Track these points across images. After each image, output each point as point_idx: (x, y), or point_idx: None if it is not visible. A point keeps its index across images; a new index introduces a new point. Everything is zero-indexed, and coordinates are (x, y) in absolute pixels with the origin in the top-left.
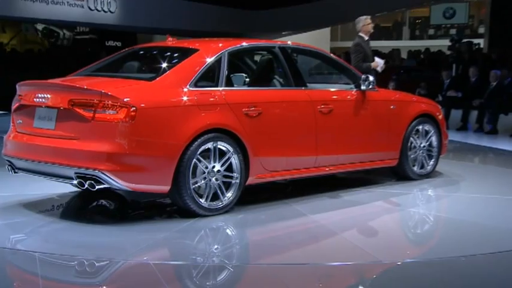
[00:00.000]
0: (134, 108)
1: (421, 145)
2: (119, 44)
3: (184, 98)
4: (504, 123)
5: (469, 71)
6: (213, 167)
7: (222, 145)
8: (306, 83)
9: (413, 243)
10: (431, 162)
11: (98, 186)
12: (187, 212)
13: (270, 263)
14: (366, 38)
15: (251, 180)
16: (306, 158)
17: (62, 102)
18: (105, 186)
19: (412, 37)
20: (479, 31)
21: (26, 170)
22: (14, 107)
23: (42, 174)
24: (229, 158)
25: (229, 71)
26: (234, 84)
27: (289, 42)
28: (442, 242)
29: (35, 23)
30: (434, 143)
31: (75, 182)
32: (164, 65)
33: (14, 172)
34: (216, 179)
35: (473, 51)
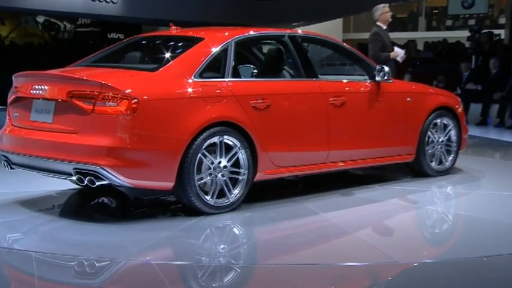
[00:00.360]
0: (136, 100)
1: (440, 140)
2: (121, 36)
3: (189, 89)
4: None
5: (490, 63)
6: (219, 162)
7: (228, 139)
8: (317, 74)
9: (431, 243)
10: (450, 158)
11: (98, 183)
12: (192, 210)
13: (279, 263)
14: (384, 27)
15: (259, 176)
16: (317, 153)
17: (60, 94)
18: (106, 182)
19: (428, 28)
20: (499, 21)
21: (23, 166)
22: (10, 100)
23: (40, 170)
24: (236, 153)
25: (236, 61)
26: (241, 75)
27: (300, 31)
28: (461, 241)
29: (34, 14)
30: (454, 137)
31: (74, 178)
32: (167, 55)
33: (10, 168)
34: (222, 175)
35: (493, 42)
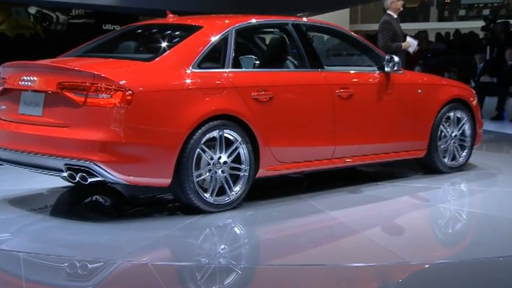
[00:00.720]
0: (130, 91)
1: (453, 134)
2: (117, 28)
3: (187, 80)
4: None
5: (505, 54)
6: (219, 158)
7: (228, 133)
8: (323, 65)
9: (443, 243)
10: (463, 154)
11: (90, 179)
12: (190, 208)
13: (282, 264)
14: (395, 16)
15: (261, 172)
16: (323, 148)
17: (50, 85)
18: (99, 179)
19: (440, 18)
20: None
21: (11, 162)
22: None
23: (29, 166)
24: (237, 148)
25: (236, 51)
26: (242, 66)
27: (304, 19)
28: (475, 241)
29: (26, 5)
30: (468, 131)
31: (65, 174)
32: (164, 44)
33: None
34: (222, 172)
35: (509, 32)
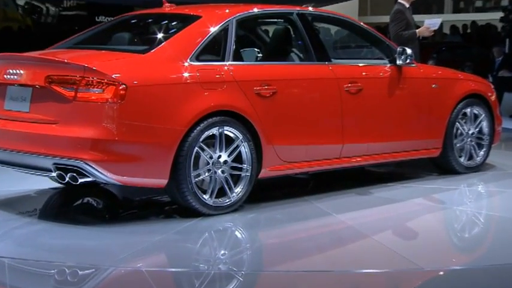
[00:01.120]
0: (124, 85)
1: (469, 132)
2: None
3: (184, 74)
4: None
5: None
6: (219, 156)
7: (229, 131)
8: (330, 57)
9: (460, 248)
10: (481, 153)
11: (81, 180)
12: (188, 211)
13: (287, 270)
14: (407, 6)
15: (264, 172)
16: (330, 147)
17: (37, 79)
18: (90, 179)
19: (455, 10)
20: None
21: None
22: None
23: (15, 165)
24: (238, 146)
25: (238, 42)
26: (243, 58)
27: (310, 8)
28: (494, 246)
29: None
30: (485, 129)
31: (54, 174)
32: (160, 35)
33: None
34: (222, 172)
35: None
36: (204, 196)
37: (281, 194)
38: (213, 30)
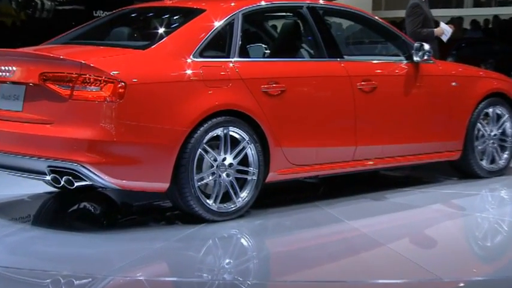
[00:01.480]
0: (123, 83)
1: (492, 133)
2: None
3: (187, 71)
4: None
5: None
6: (224, 159)
7: (234, 132)
8: (343, 54)
9: (481, 257)
10: (504, 156)
11: (77, 184)
12: (191, 217)
13: (296, 280)
14: None
15: (272, 176)
16: (342, 149)
17: (31, 76)
18: (87, 183)
19: (476, 4)
20: None
21: None
22: None
23: (7, 168)
24: (244, 148)
25: (244, 38)
26: (250, 55)
27: (321, 1)
28: None
29: None
30: (509, 130)
31: (49, 178)
32: (161, 30)
33: None
34: (227, 175)
35: None
36: (207, 201)
37: (290, 199)
38: (218, 24)
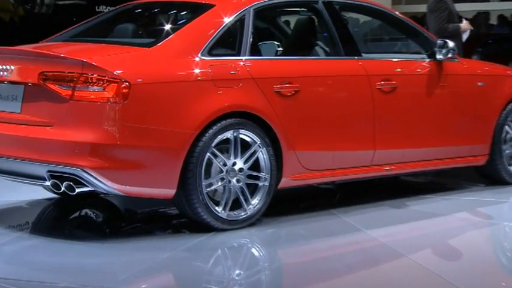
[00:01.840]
0: (127, 83)
1: None
2: None
3: (195, 70)
4: None
5: None
6: (234, 164)
7: (245, 134)
8: (361, 52)
9: (510, 270)
10: None
11: (78, 189)
12: (198, 225)
13: None
14: None
15: (285, 182)
16: (360, 153)
17: (30, 75)
18: (89, 189)
19: None
20: None
21: None
22: None
23: (5, 173)
24: (255, 152)
25: (255, 35)
26: (262, 53)
27: None
28: None
29: None
30: None
31: (49, 183)
32: (168, 26)
33: None
34: (237, 181)
35: None
36: (216, 208)
37: (304, 206)
38: (228, 20)
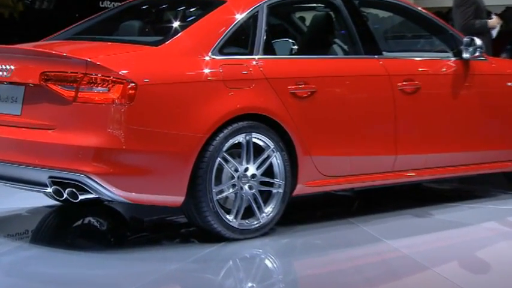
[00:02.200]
0: (133, 84)
1: None
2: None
3: (205, 70)
4: None
5: None
6: (246, 169)
7: (258, 138)
8: (381, 50)
9: None
10: None
11: (81, 196)
12: (208, 235)
13: None
14: None
15: (300, 189)
16: (380, 158)
17: (31, 76)
18: (92, 196)
19: None
20: None
21: None
22: None
23: (4, 179)
24: (268, 156)
25: (269, 32)
26: (276, 51)
27: None
28: None
29: None
30: None
31: (50, 190)
32: (176, 23)
33: None
34: (249, 187)
35: None
36: (227, 217)
37: (320, 215)
38: (240, 17)
